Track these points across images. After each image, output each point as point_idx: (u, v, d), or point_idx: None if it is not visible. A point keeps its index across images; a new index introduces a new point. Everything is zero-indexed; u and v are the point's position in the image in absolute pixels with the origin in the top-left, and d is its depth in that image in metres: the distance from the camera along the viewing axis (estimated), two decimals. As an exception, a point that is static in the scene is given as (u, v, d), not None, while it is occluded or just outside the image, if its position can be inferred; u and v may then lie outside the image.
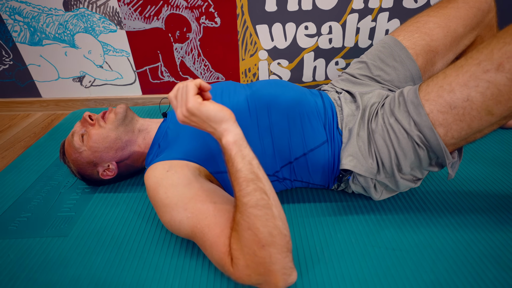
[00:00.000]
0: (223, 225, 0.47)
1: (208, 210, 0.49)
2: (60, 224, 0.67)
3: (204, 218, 0.48)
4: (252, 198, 0.43)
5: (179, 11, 1.07)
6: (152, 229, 0.64)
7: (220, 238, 0.46)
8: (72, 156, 0.68)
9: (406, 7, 1.04)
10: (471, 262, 0.54)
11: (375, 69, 0.74)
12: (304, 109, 0.64)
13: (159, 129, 0.68)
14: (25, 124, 1.17)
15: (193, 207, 0.49)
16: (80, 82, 1.22)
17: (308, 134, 0.63)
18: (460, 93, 0.50)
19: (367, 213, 0.66)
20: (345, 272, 0.53)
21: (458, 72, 0.51)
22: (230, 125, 0.46)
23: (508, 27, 0.48)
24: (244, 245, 0.43)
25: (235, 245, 0.44)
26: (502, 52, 0.46)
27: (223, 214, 0.48)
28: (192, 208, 0.49)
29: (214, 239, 0.46)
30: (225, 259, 0.45)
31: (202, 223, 0.48)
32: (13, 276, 0.56)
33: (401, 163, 0.58)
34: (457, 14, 0.69)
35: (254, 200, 0.43)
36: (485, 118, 0.50)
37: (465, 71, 0.50)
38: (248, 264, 0.43)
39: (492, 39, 0.48)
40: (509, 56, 0.45)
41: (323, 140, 0.63)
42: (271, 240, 0.42)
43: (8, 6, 1.06)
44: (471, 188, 0.71)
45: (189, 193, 0.51)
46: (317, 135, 0.63)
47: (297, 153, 0.63)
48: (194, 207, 0.49)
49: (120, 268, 0.56)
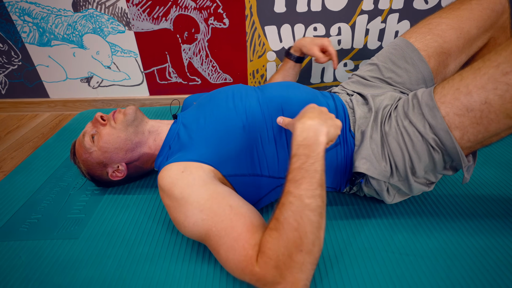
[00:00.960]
0: (241, 228, 0.47)
1: (224, 213, 0.48)
2: (71, 226, 0.67)
3: (221, 221, 0.48)
4: (314, 202, 0.44)
5: (188, 12, 1.07)
6: (163, 231, 0.64)
7: (238, 242, 0.46)
8: (82, 157, 0.68)
9: (416, 8, 1.03)
10: (487, 268, 0.53)
11: (386, 71, 0.73)
12: None
13: (170, 131, 0.68)
14: (33, 124, 1.18)
15: (209, 209, 0.49)
16: (88, 83, 1.22)
17: None
18: (478, 95, 0.50)
19: (379, 217, 0.65)
20: (359, 277, 0.53)
21: (475, 74, 0.51)
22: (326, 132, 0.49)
23: None
24: (283, 245, 0.42)
25: (272, 244, 0.43)
26: (523, 55, 0.45)
27: (239, 218, 0.48)
28: (208, 210, 0.49)
29: (231, 243, 0.46)
30: (245, 262, 0.44)
31: (218, 226, 0.47)
32: (25, 278, 0.56)
33: (415, 166, 0.57)
34: (470, 16, 0.68)
35: (315, 205, 0.44)
36: (503, 121, 0.49)
37: (483, 74, 0.50)
38: (279, 265, 0.42)
39: (510, 41, 0.48)
40: (531, 58, 0.45)
41: (336, 143, 0.63)
42: (311, 248, 0.42)
43: (18, 7, 1.07)
44: (485, 192, 0.70)
45: (205, 194, 0.50)
46: None
47: None
48: (210, 209, 0.49)
49: (131, 272, 0.56)
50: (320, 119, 0.50)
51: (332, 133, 0.49)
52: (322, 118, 0.50)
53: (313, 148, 0.47)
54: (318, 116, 0.50)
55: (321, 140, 0.47)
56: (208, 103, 0.68)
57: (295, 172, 0.46)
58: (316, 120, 0.49)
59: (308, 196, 0.44)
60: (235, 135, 0.60)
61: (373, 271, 0.54)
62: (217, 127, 0.62)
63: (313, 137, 0.48)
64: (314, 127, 0.48)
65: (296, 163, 0.47)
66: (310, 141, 0.47)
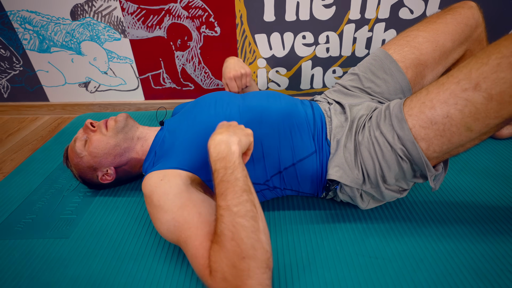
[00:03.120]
0: (203, 237, 0.48)
1: (192, 221, 0.50)
2: (62, 226, 0.70)
3: (188, 229, 0.49)
4: (243, 208, 0.44)
5: (181, 20, 1.10)
6: (148, 233, 0.67)
7: (199, 250, 0.47)
8: (74, 161, 0.71)
9: (402, 18, 1.06)
10: (450, 272, 0.55)
11: (366, 81, 0.75)
12: (294, 120, 0.66)
13: (156, 137, 0.70)
14: (33, 127, 1.21)
15: (180, 215, 0.51)
16: (86, 88, 1.26)
17: (298, 145, 0.64)
18: (441, 109, 0.52)
19: (354, 221, 0.67)
20: (328, 280, 0.55)
21: (439, 89, 0.53)
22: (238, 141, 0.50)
23: (486, 47, 0.50)
24: (225, 257, 0.43)
25: (215, 257, 0.45)
26: (479, 72, 0.47)
27: (204, 227, 0.49)
28: (179, 217, 0.51)
29: (194, 251, 0.48)
30: (203, 271, 0.46)
31: (185, 233, 0.49)
32: (17, 275, 0.59)
33: (386, 175, 0.59)
34: (445, 29, 0.70)
35: (244, 210, 0.44)
36: (464, 134, 0.51)
37: (445, 89, 0.52)
38: (226, 276, 0.43)
39: (471, 59, 0.50)
40: (485, 76, 0.47)
41: (312, 151, 0.65)
42: (252, 253, 0.43)
43: (19, 16, 1.11)
44: (458, 199, 0.72)
45: (179, 202, 0.53)
46: (306, 146, 0.65)
47: (287, 163, 0.64)
48: (181, 216, 0.51)
49: (116, 270, 0.59)
50: (229, 131, 0.51)
51: (244, 141, 0.51)
52: (231, 130, 0.51)
53: (228, 158, 0.48)
54: (227, 129, 0.52)
55: (234, 149, 0.48)
56: (192, 109, 0.71)
57: (219, 186, 0.47)
58: (225, 134, 0.50)
59: (234, 204, 0.45)
60: None
61: (342, 274, 0.56)
62: (197, 133, 0.63)
63: (225, 148, 0.49)
64: (224, 139, 0.49)
65: (218, 177, 0.48)
66: (224, 153, 0.48)
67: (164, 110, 1.18)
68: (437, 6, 1.02)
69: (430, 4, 1.02)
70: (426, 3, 1.02)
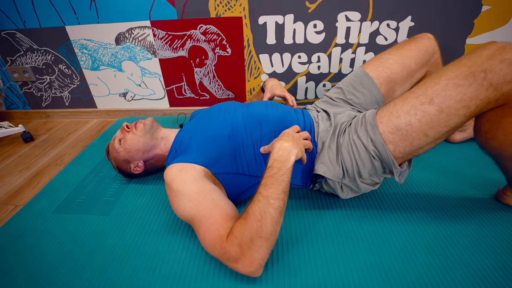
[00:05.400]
0: (217, 216, 0.50)
1: (206, 204, 0.52)
2: (104, 206, 0.73)
3: (203, 209, 0.51)
4: (277, 203, 0.48)
5: (199, 43, 1.13)
6: (168, 214, 0.69)
7: (214, 225, 0.49)
8: (113, 155, 0.74)
9: (378, 43, 1.05)
10: (408, 248, 0.56)
11: (348, 93, 0.75)
12: (289, 125, 0.67)
13: (176, 138, 0.72)
14: (85, 128, 1.26)
15: (195, 199, 0.53)
16: (124, 97, 1.30)
17: None
18: (404, 118, 0.53)
19: (335, 208, 0.68)
20: (312, 255, 0.56)
21: (403, 102, 0.54)
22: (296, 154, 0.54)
23: (439, 70, 0.50)
24: (247, 230, 0.45)
25: (239, 227, 0.46)
26: (433, 90, 0.49)
27: (218, 209, 0.51)
28: (194, 201, 0.53)
29: (209, 226, 0.49)
30: (216, 239, 0.48)
31: (201, 213, 0.51)
32: (74, 240, 0.63)
33: (361, 171, 0.60)
34: (410, 54, 0.71)
35: (277, 205, 0.47)
36: (422, 139, 0.52)
37: (408, 102, 0.53)
38: (241, 244, 0.45)
39: (428, 79, 0.51)
40: (437, 93, 0.48)
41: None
42: (268, 237, 0.46)
43: (79, 43, 1.16)
44: (419, 191, 0.72)
45: (194, 189, 0.54)
46: None
47: None
48: (196, 200, 0.53)
49: (144, 242, 0.62)
50: (294, 142, 0.54)
51: (299, 154, 0.54)
52: (295, 142, 0.55)
53: (285, 164, 0.51)
54: (292, 140, 0.55)
55: (292, 159, 0.52)
56: (206, 115, 0.72)
57: (267, 179, 0.50)
58: (291, 143, 0.54)
59: (273, 197, 0.47)
60: (222, 141, 0.63)
61: (324, 250, 0.57)
62: (209, 135, 0.65)
63: (286, 155, 0.52)
64: (288, 148, 0.53)
65: (270, 172, 0.50)
66: (284, 158, 0.52)
67: (184, 115, 1.20)
68: (405, 35, 1.02)
69: (400, 33, 1.03)
70: (397, 32, 1.02)
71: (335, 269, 0.53)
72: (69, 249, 0.61)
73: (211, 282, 0.52)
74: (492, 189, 0.71)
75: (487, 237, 0.57)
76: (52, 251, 0.61)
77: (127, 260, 0.58)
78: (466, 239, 0.57)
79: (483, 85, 0.45)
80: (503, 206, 0.65)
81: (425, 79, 0.52)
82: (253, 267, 0.46)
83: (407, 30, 1.01)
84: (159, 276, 0.54)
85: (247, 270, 0.46)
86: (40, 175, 0.93)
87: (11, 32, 1.16)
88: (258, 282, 0.51)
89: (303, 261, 0.55)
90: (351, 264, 0.54)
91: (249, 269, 0.46)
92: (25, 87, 1.30)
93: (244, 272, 0.47)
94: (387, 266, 0.53)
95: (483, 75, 0.45)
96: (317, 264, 0.54)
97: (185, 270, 0.55)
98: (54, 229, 0.67)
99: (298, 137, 0.57)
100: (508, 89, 0.44)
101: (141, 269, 0.56)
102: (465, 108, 0.47)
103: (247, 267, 0.46)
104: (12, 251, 0.62)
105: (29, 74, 1.24)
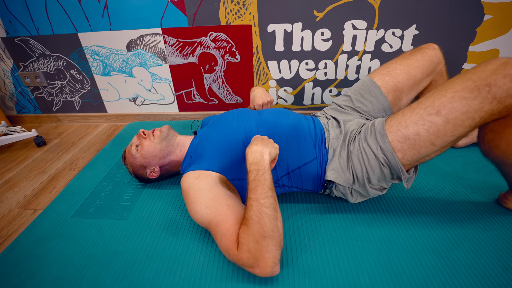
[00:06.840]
0: (232, 222, 0.52)
1: (222, 210, 0.53)
2: (122, 211, 0.75)
3: (219, 215, 0.53)
4: (268, 201, 0.50)
5: (209, 50, 1.15)
6: (184, 219, 0.71)
7: (229, 230, 0.51)
8: (129, 160, 0.76)
9: (384, 50, 1.08)
10: (415, 251, 0.59)
11: (356, 101, 0.77)
12: (300, 132, 0.69)
13: (191, 144, 0.74)
14: (96, 132, 1.28)
15: (212, 206, 0.55)
16: (134, 102, 1.32)
17: (302, 152, 0.67)
18: (412, 128, 0.55)
19: (345, 212, 0.70)
20: (324, 257, 0.59)
21: (411, 113, 0.56)
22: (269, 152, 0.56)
23: (445, 82, 0.53)
24: (251, 234, 0.48)
25: (243, 234, 0.49)
26: (440, 102, 0.51)
27: (232, 214, 0.53)
28: (211, 207, 0.54)
29: (224, 231, 0.51)
30: (231, 245, 0.50)
31: (217, 219, 0.53)
32: (95, 244, 0.65)
33: (370, 177, 0.62)
34: (416, 64, 0.74)
35: (268, 203, 0.49)
36: (429, 148, 0.55)
37: (416, 113, 0.55)
38: (250, 249, 0.47)
39: (435, 91, 0.54)
40: (444, 105, 0.51)
41: (314, 157, 0.67)
42: (271, 234, 0.47)
43: (90, 50, 1.19)
44: (424, 195, 0.74)
45: (211, 196, 0.56)
46: (309, 153, 0.67)
47: (293, 166, 0.68)
48: (212, 206, 0.54)
49: (163, 245, 0.64)
50: (263, 144, 0.57)
51: (273, 152, 0.57)
52: (264, 143, 0.57)
53: (261, 164, 0.53)
54: (261, 142, 0.57)
55: (266, 158, 0.54)
56: (219, 122, 0.74)
57: (251, 183, 0.52)
58: (260, 145, 0.56)
59: (262, 197, 0.50)
60: (236, 148, 0.65)
61: (335, 252, 0.59)
62: (223, 142, 0.67)
63: (259, 156, 0.54)
64: (259, 149, 0.55)
65: (251, 176, 0.53)
66: (258, 159, 0.54)
67: (197, 121, 1.22)
68: (410, 43, 1.05)
69: (405, 41, 1.05)
70: (402, 40, 1.05)
71: (347, 271, 0.56)
72: (91, 253, 0.63)
73: (230, 284, 0.55)
74: (494, 193, 0.73)
75: (490, 240, 0.60)
76: (75, 255, 0.63)
77: (149, 263, 0.60)
78: (470, 242, 0.60)
79: (487, 98, 0.48)
80: (505, 210, 0.68)
81: (432, 91, 0.54)
82: (268, 267, 0.48)
83: (412, 38, 1.04)
84: (180, 278, 0.56)
85: (264, 272, 0.48)
86: (55, 179, 0.95)
87: (24, 39, 1.19)
88: (275, 283, 0.54)
89: (316, 263, 0.58)
90: (362, 265, 0.56)
91: (265, 270, 0.48)
92: (36, 92, 1.32)
93: (262, 274, 0.49)
94: (396, 267, 0.56)
95: (488, 89, 0.48)
96: (329, 265, 0.57)
97: (205, 273, 0.57)
98: (75, 233, 0.69)
99: (267, 139, 0.60)
100: (511, 102, 0.47)
101: (162, 272, 0.58)
102: (470, 119, 0.50)
103: (263, 269, 0.48)
104: (36, 254, 0.64)
105: (40, 79, 1.27)
